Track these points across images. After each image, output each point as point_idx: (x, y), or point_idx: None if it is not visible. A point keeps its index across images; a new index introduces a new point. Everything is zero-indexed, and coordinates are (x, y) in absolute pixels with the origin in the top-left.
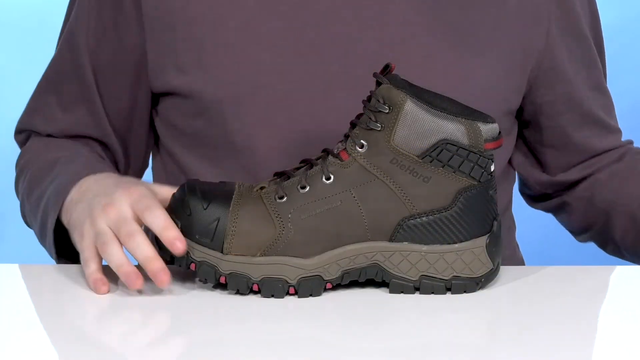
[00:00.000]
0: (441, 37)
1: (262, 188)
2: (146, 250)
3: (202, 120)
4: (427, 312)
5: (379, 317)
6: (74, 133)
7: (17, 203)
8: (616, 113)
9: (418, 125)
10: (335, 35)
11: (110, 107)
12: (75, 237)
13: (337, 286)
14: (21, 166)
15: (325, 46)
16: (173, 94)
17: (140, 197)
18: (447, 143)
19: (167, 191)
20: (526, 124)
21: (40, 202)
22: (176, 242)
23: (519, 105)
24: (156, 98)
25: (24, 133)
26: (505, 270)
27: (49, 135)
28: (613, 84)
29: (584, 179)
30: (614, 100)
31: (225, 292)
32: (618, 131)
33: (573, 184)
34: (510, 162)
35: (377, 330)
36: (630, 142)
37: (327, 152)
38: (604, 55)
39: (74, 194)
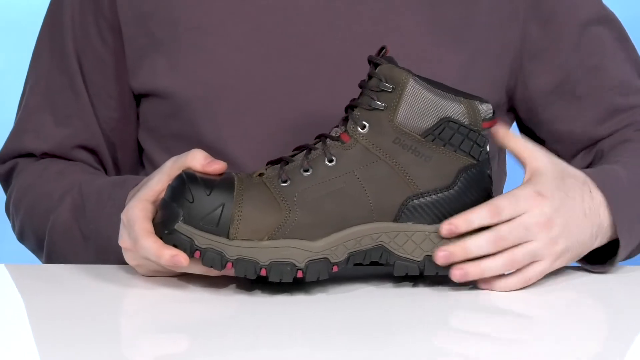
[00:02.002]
0: (412, 33)
1: (260, 174)
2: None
3: (176, 121)
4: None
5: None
6: (71, 146)
7: None
8: None
9: (420, 104)
10: (302, 37)
11: (101, 114)
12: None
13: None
14: (23, 215)
15: (292, 48)
16: (149, 95)
17: (127, 229)
18: (449, 121)
19: (157, 185)
20: (525, 122)
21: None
22: (176, 258)
23: (503, 101)
24: (138, 101)
25: (7, 163)
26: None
27: (43, 154)
28: None
29: (590, 164)
30: None
31: (227, 295)
32: (624, 110)
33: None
34: None
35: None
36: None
37: (324, 136)
38: (617, 26)
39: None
